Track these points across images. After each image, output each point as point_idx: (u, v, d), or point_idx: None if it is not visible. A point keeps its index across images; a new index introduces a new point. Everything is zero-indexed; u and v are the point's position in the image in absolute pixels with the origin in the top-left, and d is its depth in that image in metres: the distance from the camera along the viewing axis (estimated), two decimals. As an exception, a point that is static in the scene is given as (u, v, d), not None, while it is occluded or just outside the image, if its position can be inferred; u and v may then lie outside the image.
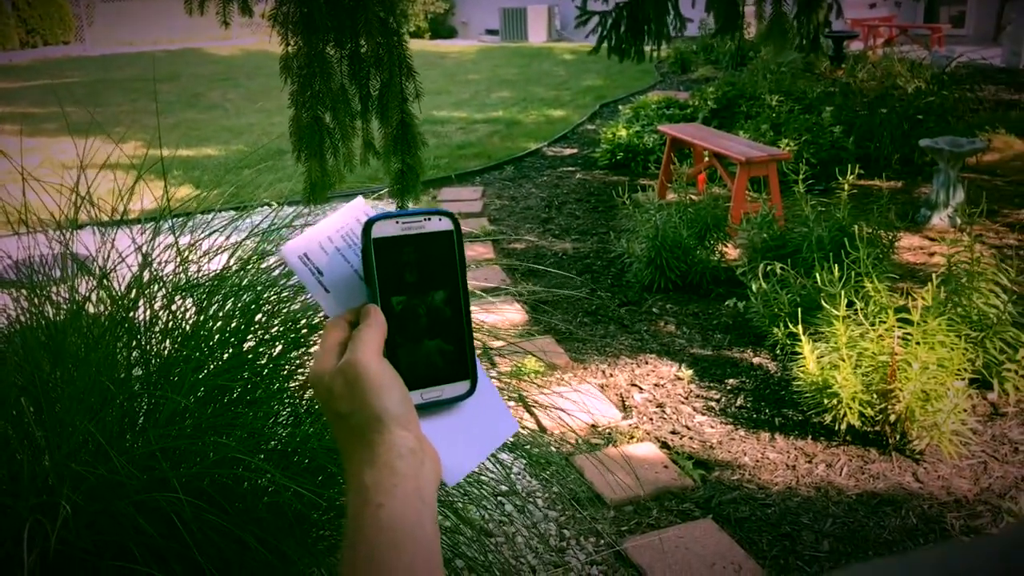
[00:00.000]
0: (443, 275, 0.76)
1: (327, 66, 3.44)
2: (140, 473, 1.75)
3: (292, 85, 3.47)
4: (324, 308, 0.75)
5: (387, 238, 0.73)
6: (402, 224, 0.74)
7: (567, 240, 6.27)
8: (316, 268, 0.75)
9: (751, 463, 3.37)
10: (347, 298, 0.76)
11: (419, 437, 0.69)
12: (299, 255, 0.75)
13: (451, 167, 8.47)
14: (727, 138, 6.49)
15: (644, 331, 4.64)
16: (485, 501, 2.47)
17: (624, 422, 3.70)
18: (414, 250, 0.74)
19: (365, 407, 0.67)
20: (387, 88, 3.45)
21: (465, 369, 0.77)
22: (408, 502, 0.64)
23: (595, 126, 10.23)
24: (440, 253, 0.76)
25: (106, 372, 1.98)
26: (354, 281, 0.76)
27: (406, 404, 0.69)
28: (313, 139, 3.45)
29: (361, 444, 0.67)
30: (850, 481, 3.22)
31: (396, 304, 0.73)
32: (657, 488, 3.19)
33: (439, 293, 0.76)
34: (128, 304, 2.20)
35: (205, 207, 2.87)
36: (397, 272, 0.74)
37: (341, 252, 0.76)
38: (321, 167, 3.49)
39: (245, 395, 2.12)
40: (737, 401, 3.84)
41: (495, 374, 2.86)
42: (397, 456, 0.66)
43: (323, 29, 3.36)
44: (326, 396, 0.70)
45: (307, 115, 3.44)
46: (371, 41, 3.34)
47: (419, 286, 0.75)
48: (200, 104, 12.76)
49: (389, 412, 0.67)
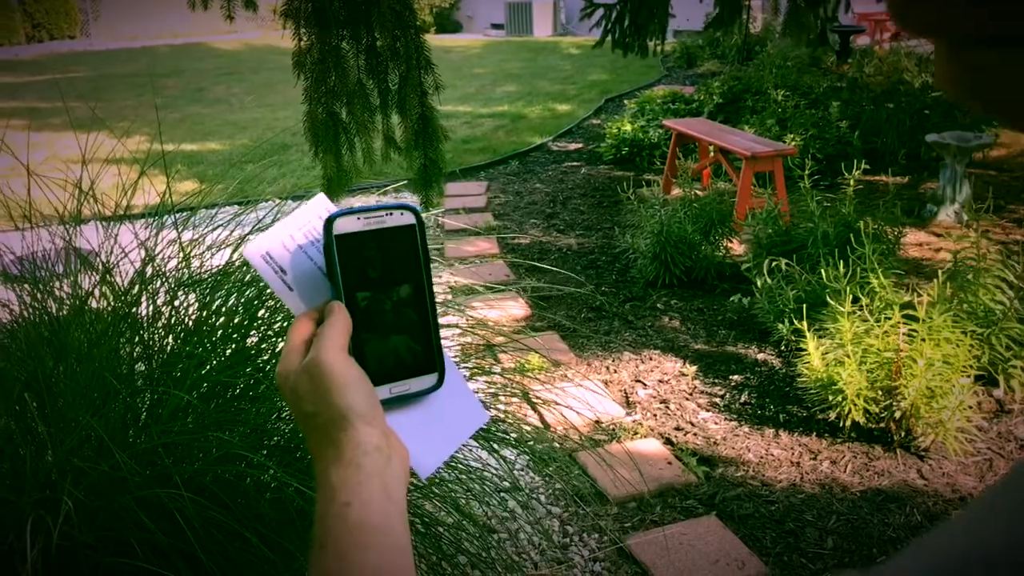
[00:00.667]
0: (407, 269, 0.76)
1: (342, 61, 3.42)
2: (142, 469, 1.75)
3: (305, 81, 3.46)
4: (289, 306, 0.75)
5: (349, 234, 0.73)
6: (364, 220, 0.74)
7: (572, 235, 6.26)
8: (279, 267, 0.75)
9: (755, 460, 3.36)
10: (312, 295, 0.75)
11: (385, 433, 0.69)
12: (262, 254, 0.75)
13: (456, 162, 8.46)
14: (732, 133, 6.47)
15: (648, 327, 4.63)
16: (488, 497, 2.47)
17: (628, 418, 3.70)
18: (377, 245, 0.75)
19: (330, 405, 0.67)
20: (405, 82, 3.44)
21: (432, 362, 0.77)
22: (375, 500, 0.64)
23: (600, 121, 10.21)
24: (403, 247, 0.76)
25: (109, 368, 1.98)
26: (318, 278, 0.76)
27: (371, 401, 0.69)
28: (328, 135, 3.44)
29: (327, 442, 0.67)
30: (855, 478, 3.21)
31: (361, 300, 0.74)
32: (661, 484, 3.19)
33: (404, 287, 0.76)
34: (131, 299, 2.20)
35: (209, 202, 2.86)
36: (360, 268, 0.74)
37: (304, 249, 0.76)
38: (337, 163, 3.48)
39: (248, 391, 2.12)
40: (741, 397, 3.83)
41: (498, 370, 2.85)
42: (363, 453, 0.66)
43: (336, 23, 3.35)
44: (292, 395, 0.70)
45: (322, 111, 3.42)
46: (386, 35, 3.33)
47: (383, 281, 0.75)
48: (204, 99, 12.76)
49: (354, 409, 0.67)
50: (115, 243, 2.36)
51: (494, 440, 2.38)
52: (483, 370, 2.64)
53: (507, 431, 2.50)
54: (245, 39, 19.37)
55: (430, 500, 2.19)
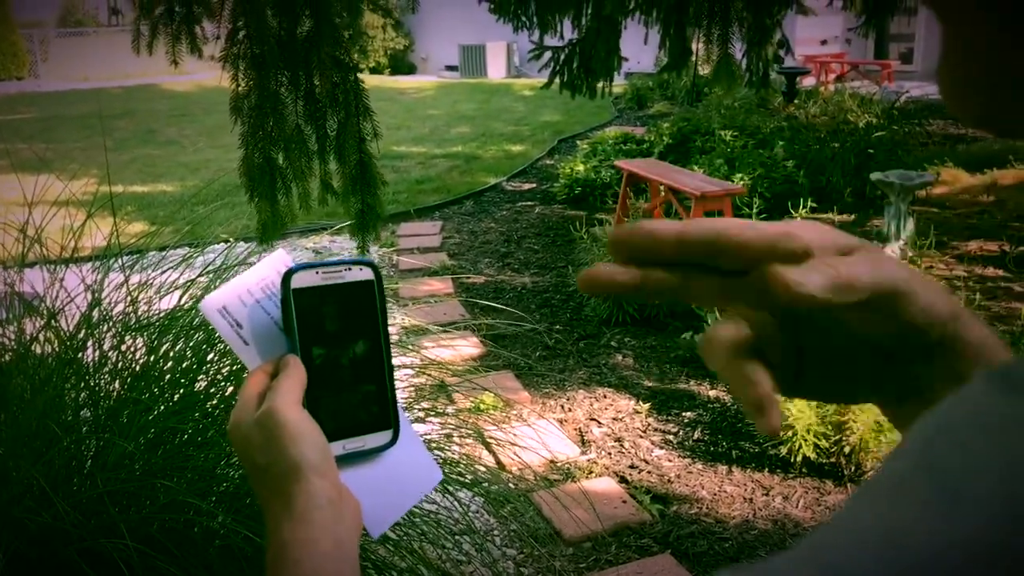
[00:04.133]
0: (364, 325, 0.76)
1: (280, 106, 3.43)
2: (86, 519, 1.72)
3: (243, 126, 3.46)
4: (244, 360, 0.74)
5: (307, 288, 0.73)
6: (322, 274, 0.74)
7: (526, 274, 6.29)
8: (235, 321, 0.74)
9: (709, 496, 3.38)
10: (267, 350, 0.74)
11: (338, 487, 0.68)
12: (218, 308, 0.74)
13: (410, 202, 8.48)
14: (682, 173, 6.57)
15: (602, 365, 4.65)
16: (443, 540, 2.44)
17: (583, 457, 3.70)
18: (334, 300, 0.74)
19: (282, 457, 0.66)
20: (344, 128, 3.45)
21: (387, 419, 0.77)
22: (326, 558, 0.63)
23: (553, 161, 10.31)
24: (361, 303, 0.76)
25: (52, 415, 1.94)
26: (274, 333, 0.75)
27: (324, 454, 0.68)
28: (265, 180, 3.43)
29: (278, 496, 0.66)
30: (807, 513, 3.24)
31: (316, 355, 0.73)
32: (615, 523, 3.19)
33: (360, 343, 0.75)
34: (76, 344, 2.16)
35: (158, 244, 2.84)
36: (317, 323, 0.73)
37: (261, 304, 0.75)
38: (272, 208, 3.47)
39: (196, 437, 2.09)
40: (694, 434, 3.85)
41: (452, 411, 2.85)
42: (315, 507, 0.65)
43: (275, 68, 3.36)
44: (244, 446, 0.69)
45: (259, 156, 3.42)
46: (325, 81, 3.35)
47: (340, 336, 0.75)
48: (156, 140, 12.67)
49: (307, 461, 0.66)
50: (61, 287, 2.32)
51: (449, 482, 2.36)
52: (437, 411, 2.63)
53: (462, 472, 2.49)
54: (198, 80, 19.30)
55: (383, 544, 2.17)
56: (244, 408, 0.70)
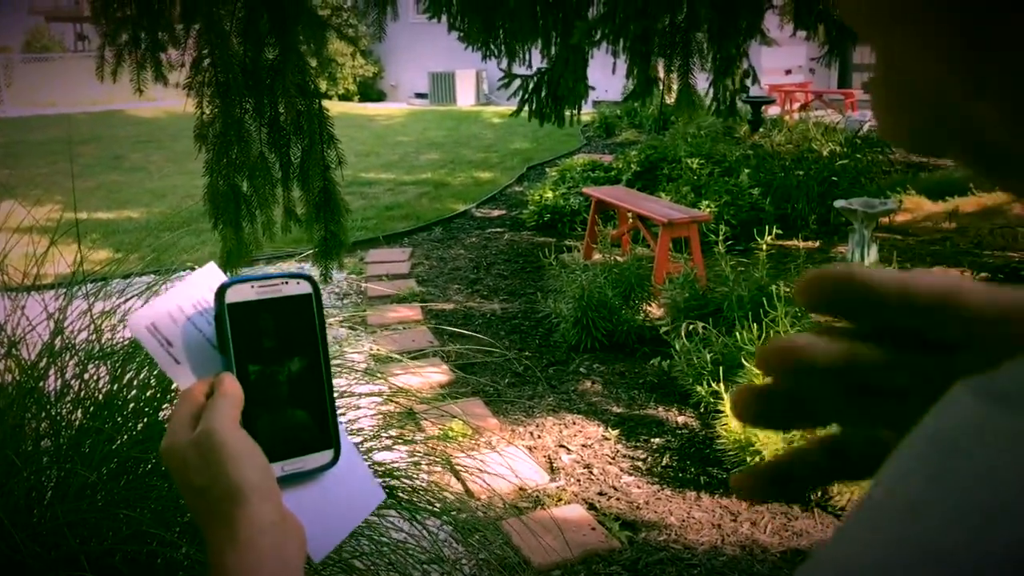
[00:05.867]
0: (302, 341, 0.73)
1: (244, 133, 3.43)
2: (46, 551, 1.68)
3: (207, 153, 3.46)
4: (175, 380, 0.71)
5: (242, 303, 0.71)
6: (258, 288, 0.72)
7: (495, 301, 6.29)
8: (165, 339, 0.71)
9: (677, 523, 3.38)
10: (200, 368, 0.72)
11: (281, 510, 0.66)
12: (146, 325, 0.71)
13: (379, 228, 8.46)
14: (650, 200, 6.63)
15: (571, 391, 4.65)
16: (411, 569, 2.42)
17: (552, 484, 3.69)
18: (271, 315, 0.72)
19: (222, 478, 0.63)
20: (308, 155, 3.46)
21: (328, 438, 0.74)
22: None
23: (523, 188, 10.36)
24: (299, 318, 0.73)
25: (11, 444, 1.91)
26: (207, 350, 0.72)
27: (266, 474, 0.66)
28: (229, 207, 3.42)
29: (220, 521, 0.63)
30: (774, 539, 3.25)
31: (252, 372, 0.71)
32: (585, 551, 3.18)
33: (298, 360, 0.73)
34: (38, 373, 2.13)
35: (123, 271, 2.81)
36: (253, 339, 0.71)
37: (192, 320, 0.72)
38: (237, 235, 3.46)
39: (160, 466, 2.06)
40: (663, 460, 3.86)
41: (420, 438, 2.83)
42: (259, 531, 0.62)
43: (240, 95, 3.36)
44: (180, 469, 0.66)
45: (224, 183, 3.42)
46: (290, 109, 3.36)
47: (277, 353, 0.72)
48: (122, 166, 12.57)
49: (248, 483, 0.63)
50: (22, 315, 2.29)
51: (417, 510, 2.35)
52: (405, 439, 2.61)
53: (431, 501, 2.47)
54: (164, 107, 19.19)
55: (350, 575, 2.14)
56: (178, 429, 0.67)
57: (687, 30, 4.74)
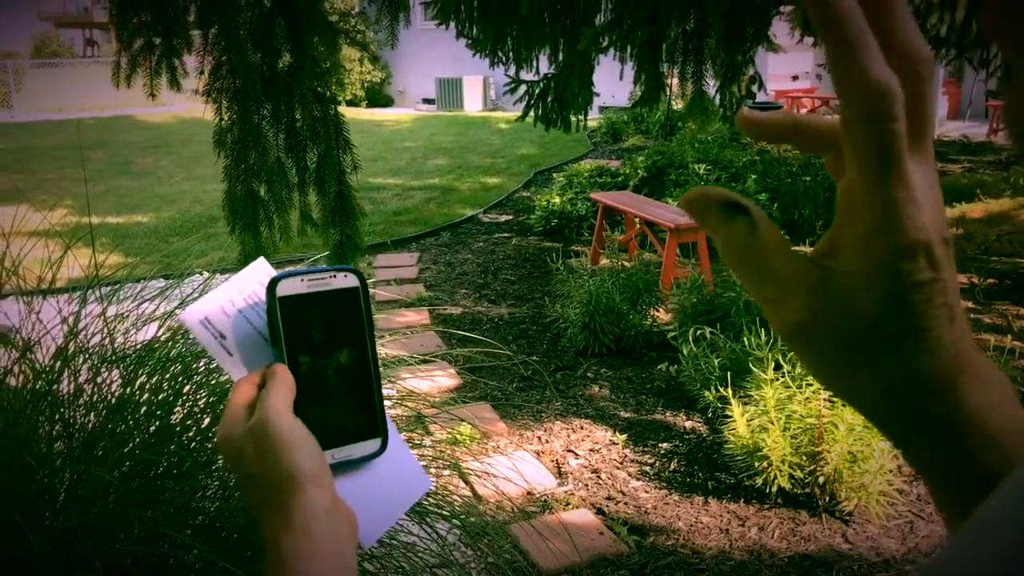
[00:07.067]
0: (350, 332, 0.75)
1: (262, 139, 3.45)
2: (59, 552, 1.70)
3: (226, 159, 3.48)
4: (228, 371, 0.73)
5: (293, 296, 0.72)
6: (308, 282, 0.73)
7: (503, 305, 6.31)
8: (219, 332, 0.73)
9: (685, 527, 3.39)
10: (252, 360, 0.73)
11: (334, 497, 0.67)
12: (200, 319, 0.72)
13: (387, 233, 8.49)
14: (657, 206, 6.64)
15: (579, 396, 4.66)
16: (420, 573, 2.43)
17: (560, 488, 3.70)
18: (320, 308, 0.73)
19: (277, 466, 0.64)
20: (324, 160, 3.48)
21: (375, 427, 0.76)
22: (330, 568, 0.62)
23: (530, 193, 10.38)
24: (347, 310, 0.75)
25: (26, 447, 1.93)
26: (258, 342, 0.74)
27: (320, 461, 0.67)
28: (247, 212, 3.45)
29: (275, 507, 0.64)
30: (782, 544, 3.25)
31: (303, 364, 0.72)
32: (593, 555, 3.19)
33: (347, 351, 0.74)
34: (51, 377, 2.15)
35: (135, 276, 2.83)
36: (303, 331, 0.72)
37: (243, 314, 0.74)
38: (255, 240, 3.48)
39: (172, 469, 2.07)
40: (671, 465, 3.87)
41: (429, 442, 2.84)
42: (313, 517, 0.63)
43: (257, 102, 3.39)
44: (236, 458, 0.67)
45: (241, 188, 3.44)
46: (307, 114, 3.38)
47: (326, 344, 0.74)
48: (131, 171, 12.62)
49: (303, 470, 0.64)
50: (36, 319, 2.31)
51: (426, 514, 2.36)
52: (413, 443, 2.63)
53: (440, 504, 2.48)
54: (174, 112, 19.29)
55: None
56: (233, 419, 0.68)
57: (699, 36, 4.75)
